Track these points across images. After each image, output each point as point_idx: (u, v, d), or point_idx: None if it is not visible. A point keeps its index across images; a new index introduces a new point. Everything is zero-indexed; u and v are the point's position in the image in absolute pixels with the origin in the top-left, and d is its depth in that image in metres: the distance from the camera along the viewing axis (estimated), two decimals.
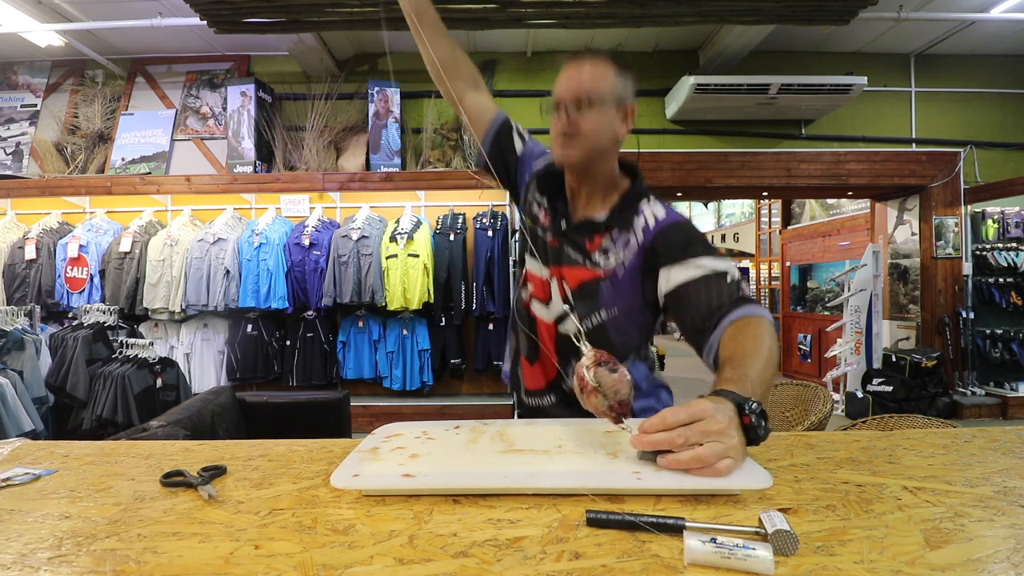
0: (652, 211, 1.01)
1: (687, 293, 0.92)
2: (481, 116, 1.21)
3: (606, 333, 1.02)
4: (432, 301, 4.14)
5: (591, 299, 1.02)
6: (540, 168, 1.16)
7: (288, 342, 4.33)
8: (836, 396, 4.94)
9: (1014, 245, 4.81)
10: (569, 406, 1.06)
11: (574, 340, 0.88)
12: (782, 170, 4.71)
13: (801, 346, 6.65)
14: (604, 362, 0.74)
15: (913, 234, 4.99)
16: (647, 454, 0.65)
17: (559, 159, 1.03)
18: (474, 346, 4.41)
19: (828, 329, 5.40)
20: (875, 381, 4.59)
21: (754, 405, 0.65)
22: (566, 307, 1.04)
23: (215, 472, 0.70)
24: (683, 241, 0.96)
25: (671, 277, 0.94)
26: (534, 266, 1.11)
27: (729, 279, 0.90)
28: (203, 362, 4.33)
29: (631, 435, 0.66)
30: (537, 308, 1.10)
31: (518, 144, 1.21)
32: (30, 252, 4.25)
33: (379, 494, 0.62)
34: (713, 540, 0.46)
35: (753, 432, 0.64)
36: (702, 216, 13.78)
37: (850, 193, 5.50)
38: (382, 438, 0.78)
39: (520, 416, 1.19)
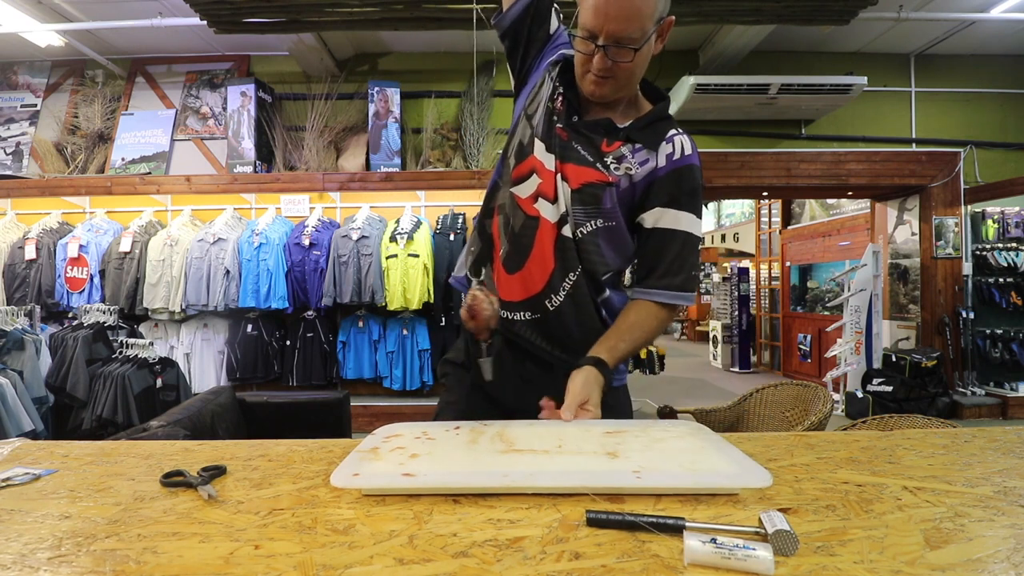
0: (682, 143, 0.99)
1: (662, 241, 0.98)
2: None
3: (598, 244, 0.97)
4: (432, 301, 4.13)
5: (592, 204, 0.96)
6: (568, 55, 1.06)
7: (288, 342, 4.33)
8: (836, 396, 4.93)
9: (1014, 245, 4.80)
10: (541, 328, 1.00)
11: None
12: (782, 170, 4.71)
13: (801, 346, 6.64)
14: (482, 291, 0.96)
15: (913, 234, 4.99)
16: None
17: (588, 93, 0.97)
18: None
19: (828, 329, 5.39)
20: (875, 381, 4.59)
21: (611, 375, 0.91)
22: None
23: (215, 472, 0.70)
24: (691, 190, 0.98)
25: (661, 218, 0.98)
26: (545, 158, 0.98)
27: (697, 247, 1.00)
28: (203, 362, 4.33)
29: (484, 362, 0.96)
30: (543, 206, 0.98)
31: (553, 21, 1.09)
32: (30, 252, 4.25)
33: (379, 494, 0.62)
34: (713, 540, 0.46)
35: (608, 384, 0.89)
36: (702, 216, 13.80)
37: (850, 193, 5.49)
38: (382, 438, 0.78)
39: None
